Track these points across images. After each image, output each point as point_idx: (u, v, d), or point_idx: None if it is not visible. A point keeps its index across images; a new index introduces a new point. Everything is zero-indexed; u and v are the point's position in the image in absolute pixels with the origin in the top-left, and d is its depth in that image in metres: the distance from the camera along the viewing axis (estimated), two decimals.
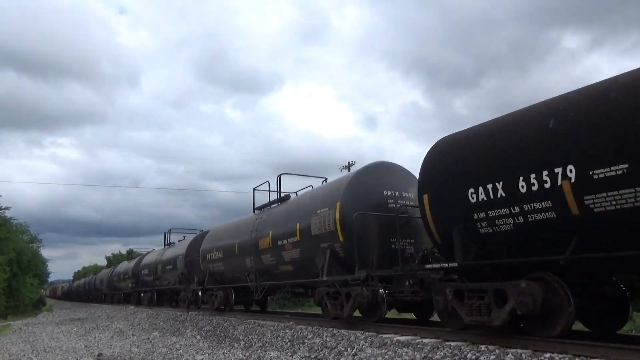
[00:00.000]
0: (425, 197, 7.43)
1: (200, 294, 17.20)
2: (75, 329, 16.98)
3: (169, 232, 25.52)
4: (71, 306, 45.24)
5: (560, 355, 5.27)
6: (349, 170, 33.54)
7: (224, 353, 8.77)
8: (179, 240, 23.78)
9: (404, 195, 9.76)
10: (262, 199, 14.43)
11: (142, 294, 26.70)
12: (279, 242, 11.73)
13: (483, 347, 6.03)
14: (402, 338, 7.25)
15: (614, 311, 6.80)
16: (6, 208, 35.21)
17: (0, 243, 31.84)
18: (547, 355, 5.34)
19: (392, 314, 11.05)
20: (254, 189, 14.66)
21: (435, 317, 9.05)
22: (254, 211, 14.58)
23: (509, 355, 5.52)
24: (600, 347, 5.22)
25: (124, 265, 33.63)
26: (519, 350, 5.62)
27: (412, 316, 10.73)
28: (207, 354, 8.87)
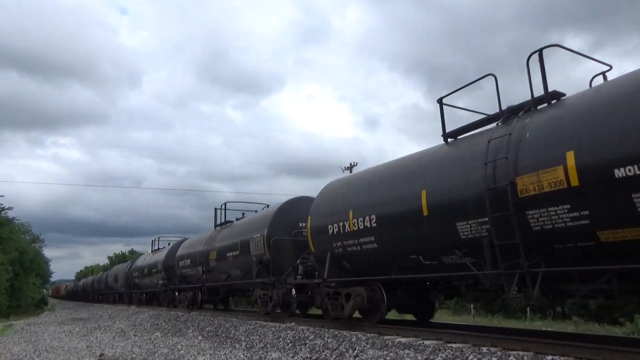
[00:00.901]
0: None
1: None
2: (77, 329, 17.01)
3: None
4: (73, 306, 45.32)
5: (562, 358, 5.25)
6: (350, 171, 33.67)
7: (225, 354, 8.77)
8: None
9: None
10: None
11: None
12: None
13: (485, 349, 6.01)
14: (403, 340, 7.23)
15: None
16: (9, 208, 35.35)
17: (3, 243, 31.93)
18: (549, 357, 5.32)
19: (393, 315, 11.56)
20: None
21: (435, 319, 11.02)
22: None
23: (510, 358, 5.51)
24: (603, 349, 5.21)
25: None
26: (521, 353, 5.61)
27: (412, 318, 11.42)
28: (208, 355, 8.87)
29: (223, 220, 17.22)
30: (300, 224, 12.44)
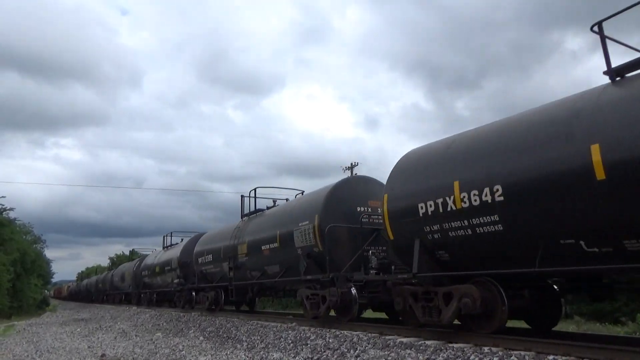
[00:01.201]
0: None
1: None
2: (78, 330, 17.03)
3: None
4: (75, 307, 45.36)
5: (563, 357, 5.24)
6: (352, 172, 33.51)
7: (227, 354, 8.77)
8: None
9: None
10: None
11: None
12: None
13: (486, 349, 6.01)
14: (405, 339, 7.23)
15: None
16: (10, 209, 35.38)
17: (4, 244, 31.97)
18: (551, 357, 5.31)
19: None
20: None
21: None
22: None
23: (512, 358, 5.50)
24: (604, 349, 5.20)
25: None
26: (522, 352, 5.60)
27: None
28: (210, 355, 8.87)
29: (253, 209, 14.88)
30: (359, 209, 10.68)
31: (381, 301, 10.07)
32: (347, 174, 33.50)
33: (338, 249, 10.19)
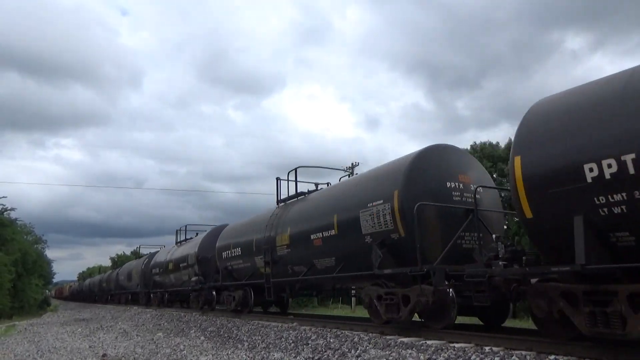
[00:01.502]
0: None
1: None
2: (79, 330, 17.06)
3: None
4: (76, 307, 45.40)
5: (565, 357, 5.24)
6: (352, 172, 33.33)
7: (228, 354, 8.78)
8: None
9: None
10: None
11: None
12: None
13: (487, 349, 6.00)
14: (405, 339, 7.22)
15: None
16: (11, 209, 35.44)
17: (6, 244, 32.04)
18: (552, 357, 5.30)
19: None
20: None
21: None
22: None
23: (513, 357, 5.49)
24: (608, 349, 5.19)
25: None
26: (524, 352, 5.59)
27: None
28: (211, 355, 8.88)
29: (294, 193, 12.72)
30: (448, 184, 8.41)
31: (478, 303, 7.32)
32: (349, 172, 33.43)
33: (427, 235, 8.00)
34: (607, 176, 4.99)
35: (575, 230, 5.30)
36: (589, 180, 5.15)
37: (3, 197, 34.13)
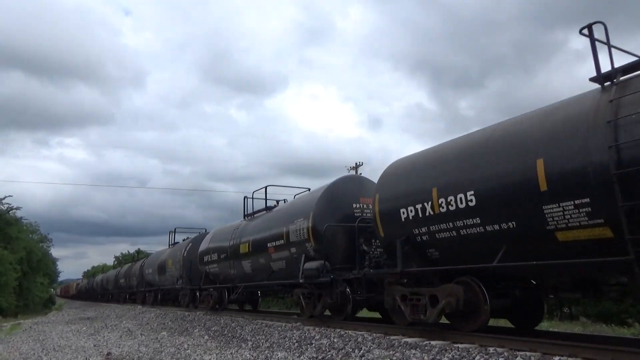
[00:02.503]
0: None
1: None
2: (84, 328, 17.13)
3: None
4: (80, 305, 45.60)
5: (570, 359, 5.22)
6: (356, 172, 33.59)
7: (231, 353, 8.79)
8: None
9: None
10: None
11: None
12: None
13: (491, 350, 5.99)
14: (410, 340, 7.22)
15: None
16: (17, 208, 35.64)
17: (11, 242, 32.23)
18: (557, 358, 5.30)
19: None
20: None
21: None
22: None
23: (517, 358, 5.48)
24: (610, 350, 5.18)
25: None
26: (528, 353, 5.58)
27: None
28: (215, 354, 8.90)
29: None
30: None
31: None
32: (352, 173, 33.52)
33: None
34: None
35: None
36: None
37: (8, 196, 34.45)
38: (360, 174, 31.80)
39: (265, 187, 14.53)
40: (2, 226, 32.31)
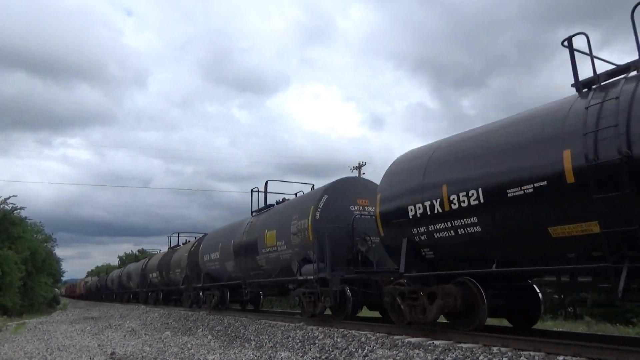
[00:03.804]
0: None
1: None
2: (88, 328, 17.17)
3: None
4: (84, 305, 45.71)
5: (574, 358, 5.20)
6: (359, 171, 33.54)
7: (235, 353, 8.80)
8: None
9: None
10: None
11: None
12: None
13: (495, 349, 5.98)
14: (413, 339, 7.21)
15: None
16: (21, 208, 35.71)
17: (16, 242, 32.31)
18: (561, 357, 5.27)
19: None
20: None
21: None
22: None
23: (521, 358, 5.46)
24: (615, 349, 5.15)
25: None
26: (532, 353, 5.56)
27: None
28: (218, 354, 8.90)
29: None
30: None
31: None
32: (355, 173, 33.48)
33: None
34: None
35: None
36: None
37: (13, 195, 34.39)
38: (364, 174, 31.76)
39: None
40: (7, 226, 32.40)
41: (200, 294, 18.46)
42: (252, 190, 15.10)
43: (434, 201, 7.41)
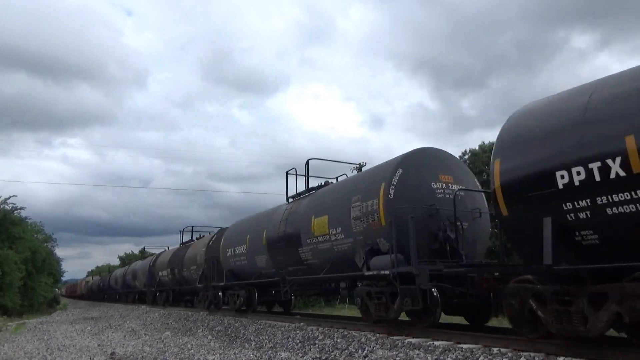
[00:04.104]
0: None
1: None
2: (88, 328, 17.18)
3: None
4: (85, 305, 45.72)
5: (574, 359, 5.19)
6: (359, 171, 33.26)
7: (235, 353, 8.79)
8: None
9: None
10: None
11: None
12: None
13: (495, 350, 5.97)
14: (413, 340, 7.20)
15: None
16: (21, 208, 35.74)
17: (16, 242, 32.34)
18: (561, 358, 5.27)
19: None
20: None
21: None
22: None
23: (521, 359, 5.46)
24: (616, 350, 5.14)
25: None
26: (532, 354, 5.55)
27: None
28: (218, 354, 8.90)
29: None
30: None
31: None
32: (356, 173, 33.36)
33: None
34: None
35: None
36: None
37: (13, 195, 34.41)
38: None
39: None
40: (7, 226, 32.45)
41: (220, 294, 16.10)
42: (287, 173, 12.73)
43: (609, 161, 5.06)
